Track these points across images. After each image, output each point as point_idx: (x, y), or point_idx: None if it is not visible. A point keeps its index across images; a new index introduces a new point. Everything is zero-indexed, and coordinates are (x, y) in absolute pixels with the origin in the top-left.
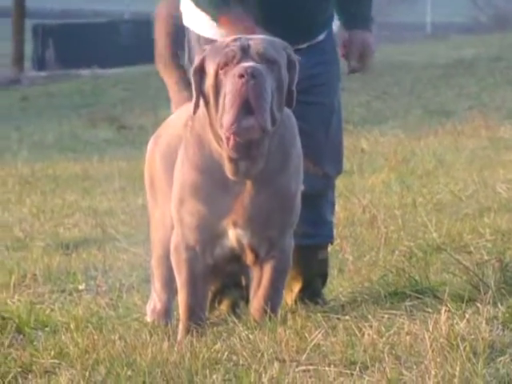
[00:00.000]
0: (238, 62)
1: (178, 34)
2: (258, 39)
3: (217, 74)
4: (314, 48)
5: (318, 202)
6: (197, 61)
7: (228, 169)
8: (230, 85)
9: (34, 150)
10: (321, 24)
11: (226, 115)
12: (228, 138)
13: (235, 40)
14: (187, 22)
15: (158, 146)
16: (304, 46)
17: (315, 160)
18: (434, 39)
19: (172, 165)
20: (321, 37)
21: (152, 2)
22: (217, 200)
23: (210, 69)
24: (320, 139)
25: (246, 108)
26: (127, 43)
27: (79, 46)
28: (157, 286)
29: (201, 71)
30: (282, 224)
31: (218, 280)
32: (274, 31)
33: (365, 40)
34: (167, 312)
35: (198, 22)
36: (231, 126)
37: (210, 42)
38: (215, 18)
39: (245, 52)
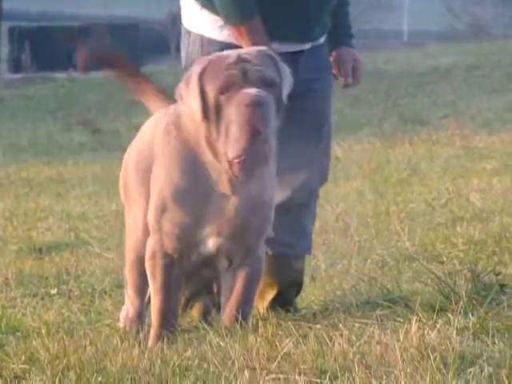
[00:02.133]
0: (240, 88)
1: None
2: (254, 58)
3: (217, 99)
4: (314, 51)
5: (300, 211)
6: (194, 77)
7: (223, 184)
8: (236, 113)
9: (9, 153)
10: (327, 24)
11: (234, 143)
12: (232, 164)
13: (235, 62)
14: (188, 24)
15: (131, 153)
16: (308, 46)
17: (302, 168)
18: (411, 47)
19: (142, 172)
20: (322, 40)
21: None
22: (201, 209)
23: (210, 92)
24: (309, 147)
25: (253, 136)
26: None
27: (55, 48)
28: (129, 291)
29: (201, 88)
30: (258, 232)
31: (190, 285)
32: (287, 27)
33: (354, 55)
34: (140, 318)
35: (201, 24)
36: (239, 154)
37: (214, 43)
38: (235, 23)
39: (245, 76)
